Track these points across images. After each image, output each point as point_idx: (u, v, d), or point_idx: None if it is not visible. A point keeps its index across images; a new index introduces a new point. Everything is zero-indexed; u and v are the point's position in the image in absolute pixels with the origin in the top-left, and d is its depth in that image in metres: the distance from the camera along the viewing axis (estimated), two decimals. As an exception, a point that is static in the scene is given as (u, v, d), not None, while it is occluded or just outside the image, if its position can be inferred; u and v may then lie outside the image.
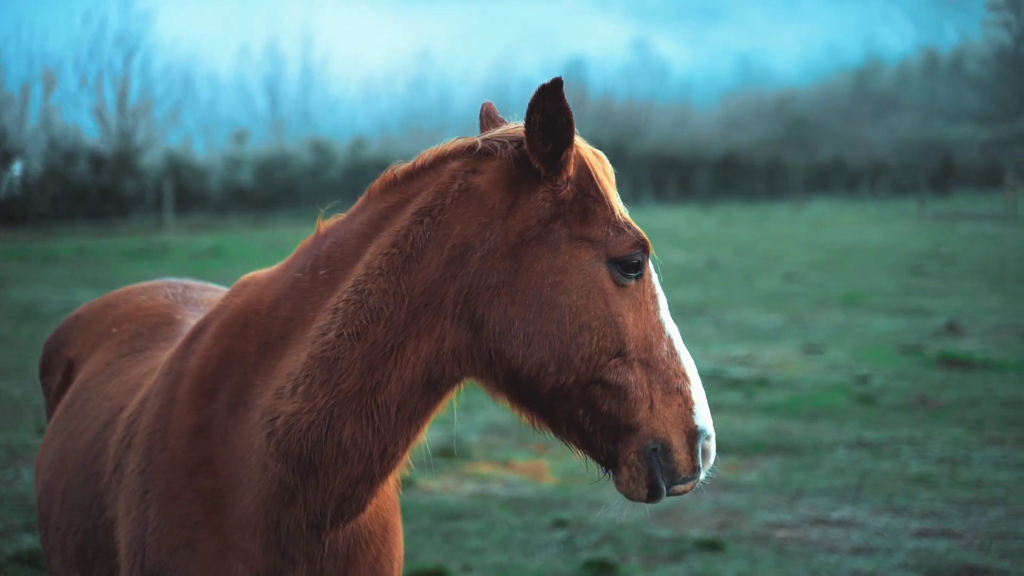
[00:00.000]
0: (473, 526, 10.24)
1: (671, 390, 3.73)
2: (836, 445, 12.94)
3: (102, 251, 41.83)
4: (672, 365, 3.76)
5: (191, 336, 4.20)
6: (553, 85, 3.65)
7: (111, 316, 5.25)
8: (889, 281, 30.72)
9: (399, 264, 3.76)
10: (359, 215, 3.96)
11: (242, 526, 3.85)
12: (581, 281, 3.72)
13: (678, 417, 3.72)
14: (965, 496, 10.99)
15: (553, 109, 3.67)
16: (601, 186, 3.82)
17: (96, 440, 4.45)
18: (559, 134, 3.71)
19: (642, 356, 3.73)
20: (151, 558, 3.91)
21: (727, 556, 9.49)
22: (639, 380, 3.71)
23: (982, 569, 9.12)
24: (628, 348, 3.72)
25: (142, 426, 4.12)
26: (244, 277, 4.27)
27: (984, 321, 22.85)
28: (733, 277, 32.00)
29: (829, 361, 18.45)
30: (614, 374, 3.70)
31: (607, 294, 3.73)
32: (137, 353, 4.85)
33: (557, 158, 3.74)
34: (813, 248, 42.54)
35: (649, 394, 3.71)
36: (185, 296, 5.33)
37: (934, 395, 15.47)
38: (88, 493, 4.35)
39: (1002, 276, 31.60)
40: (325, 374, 3.77)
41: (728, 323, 22.59)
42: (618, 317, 3.72)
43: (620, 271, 3.74)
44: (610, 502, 4.22)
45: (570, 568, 9.22)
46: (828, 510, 10.64)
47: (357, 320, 3.76)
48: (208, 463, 3.90)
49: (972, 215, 64.81)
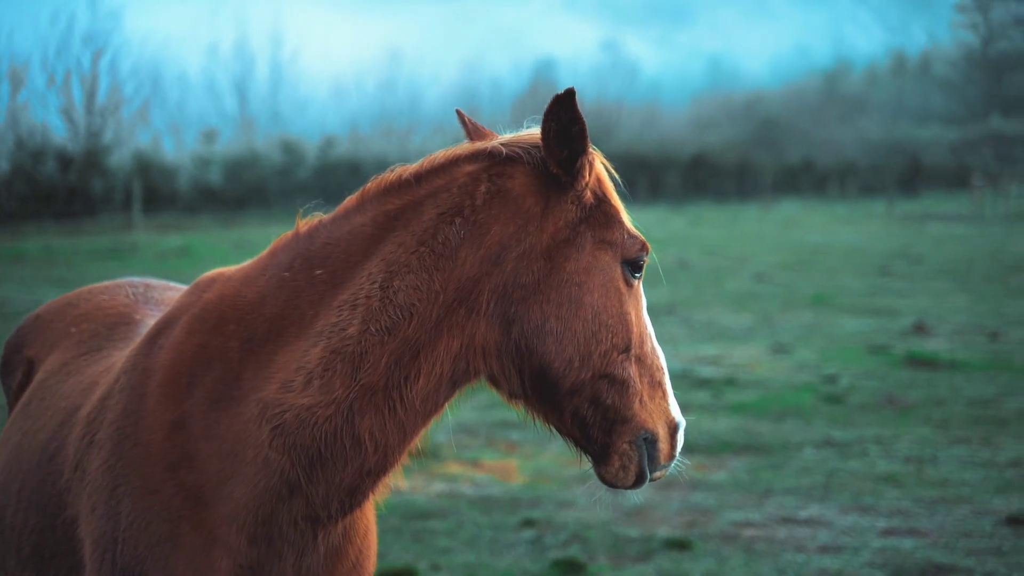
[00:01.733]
0: (442, 525, 10.25)
1: (655, 383, 3.99)
2: (804, 444, 13.00)
3: (70, 251, 41.64)
4: (655, 360, 4.02)
5: (155, 332, 4.18)
6: (566, 95, 3.80)
7: (71, 316, 5.22)
8: (857, 281, 30.85)
9: (431, 262, 3.84)
10: (356, 216, 4.00)
11: (229, 520, 3.85)
12: (602, 281, 3.94)
13: (661, 409, 3.98)
14: (931, 495, 11.05)
15: (567, 118, 3.84)
16: (612, 192, 4.06)
17: (52, 439, 4.43)
18: (573, 142, 3.88)
19: (637, 352, 3.97)
20: (126, 553, 3.89)
21: (695, 555, 9.52)
22: (635, 374, 3.95)
23: (948, 567, 9.18)
24: (632, 344, 3.95)
25: (107, 423, 4.09)
26: (209, 274, 4.27)
27: (951, 321, 22.98)
28: (702, 277, 32.07)
29: (797, 361, 18.52)
30: (620, 369, 3.91)
31: (621, 293, 3.97)
32: (94, 352, 4.83)
33: (573, 164, 3.91)
34: (782, 248, 42.67)
35: (641, 387, 3.95)
36: (146, 296, 5.30)
37: (901, 395, 15.54)
38: (45, 492, 4.33)
39: (969, 276, 31.77)
40: (348, 367, 3.81)
41: (697, 323, 22.63)
42: (628, 315, 3.97)
43: (630, 272, 4.02)
44: (578, 500, 4.27)
45: (538, 567, 9.24)
46: (795, 509, 10.69)
47: (385, 316, 3.83)
48: (189, 458, 3.89)
49: (940, 216, 65.12)
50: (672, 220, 62.15)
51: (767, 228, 56.69)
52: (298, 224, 4.11)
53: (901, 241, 45.71)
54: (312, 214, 4.14)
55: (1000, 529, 10.04)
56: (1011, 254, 38.20)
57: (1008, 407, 14.76)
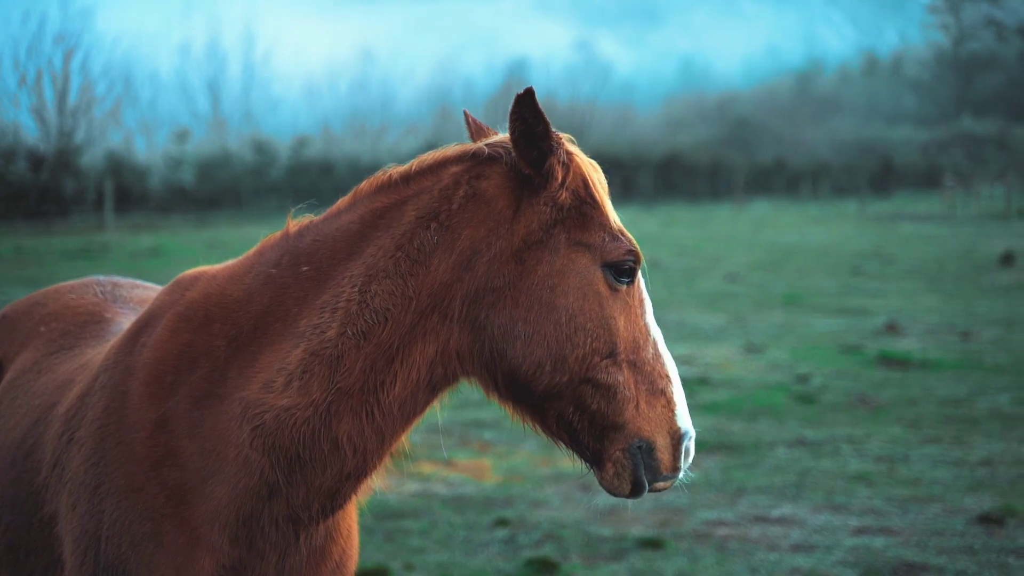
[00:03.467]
0: (415, 525, 10.24)
1: (656, 391, 3.88)
2: (776, 444, 13.03)
3: (41, 251, 41.45)
4: (657, 367, 3.91)
5: (136, 331, 4.16)
6: (526, 95, 3.76)
7: (39, 315, 5.19)
8: (829, 281, 30.94)
9: (406, 268, 3.83)
10: (345, 214, 4.00)
11: (211, 519, 3.84)
12: (577, 284, 3.85)
13: (662, 418, 3.86)
14: (903, 494, 11.09)
15: (531, 117, 3.79)
16: (597, 194, 3.96)
17: (27, 436, 4.41)
18: (540, 141, 3.83)
19: (630, 358, 3.87)
20: (109, 552, 3.89)
21: (668, 554, 9.54)
22: (627, 380, 3.85)
23: (919, 566, 9.21)
24: (619, 349, 3.85)
25: (87, 421, 4.08)
26: (190, 272, 4.25)
27: (923, 321, 23.07)
28: (675, 277, 32.12)
29: (770, 360, 18.57)
30: (605, 374, 3.82)
31: (601, 297, 3.86)
32: (66, 351, 4.80)
33: (543, 164, 3.85)
34: (754, 248, 42.76)
35: (636, 394, 3.84)
36: (114, 294, 5.28)
37: (873, 394, 15.60)
38: (21, 490, 4.31)
39: (941, 276, 31.89)
40: (326, 370, 3.80)
41: (670, 323, 22.63)
42: (611, 320, 3.85)
43: (613, 276, 3.88)
44: (551, 499, 4.28)
45: (512, 567, 9.24)
46: (768, 508, 10.71)
47: (362, 320, 3.81)
48: (173, 456, 3.88)
49: (911, 216, 65.36)
50: (645, 220, 62.20)
51: (739, 228, 56.81)
52: (288, 224, 4.11)
53: (873, 241, 45.85)
54: (303, 215, 4.14)
55: (971, 528, 10.08)
56: (982, 254, 38.34)
57: (979, 406, 14.82)
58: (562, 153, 3.89)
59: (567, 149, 3.92)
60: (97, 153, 66.83)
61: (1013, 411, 14.51)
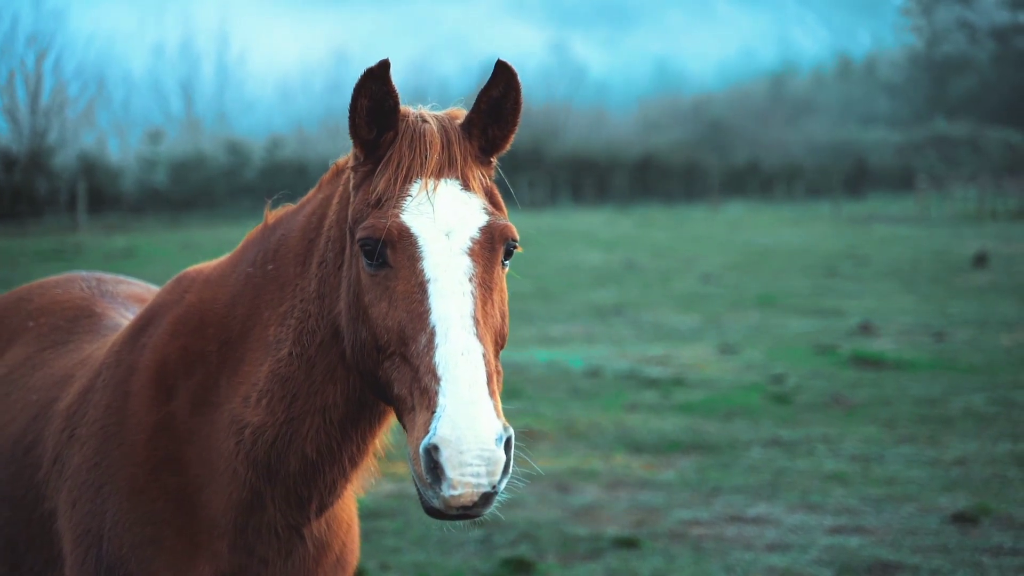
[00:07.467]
0: (391, 525, 10.22)
1: (421, 389, 3.32)
2: (752, 443, 13.05)
3: (14, 251, 41.25)
4: (425, 360, 3.34)
5: (137, 329, 4.15)
6: (379, 68, 3.51)
7: (26, 310, 5.16)
8: (804, 282, 31.01)
9: (325, 291, 3.75)
10: (308, 205, 3.94)
11: (209, 528, 3.85)
12: (348, 272, 3.62)
13: (415, 424, 3.32)
14: (878, 493, 11.11)
15: (380, 92, 3.54)
16: (390, 159, 3.59)
17: (26, 432, 4.39)
18: (386, 118, 3.58)
19: (400, 351, 3.40)
20: (111, 552, 3.89)
21: (644, 553, 9.53)
22: (401, 378, 3.40)
23: (894, 565, 9.23)
24: (381, 342, 3.44)
25: (90, 419, 4.07)
26: (189, 271, 4.24)
27: (897, 321, 23.13)
28: (650, 278, 32.15)
29: (745, 361, 18.59)
30: (380, 370, 3.47)
31: (360, 283, 3.53)
32: (59, 346, 4.79)
33: (377, 145, 3.60)
34: (729, 250, 42.83)
35: (409, 393, 3.37)
36: (101, 289, 5.26)
37: (848, 394, 15.63)
38: (20, 486, 4.29)
39: (914, 277, 31.99)
40: (281, 391, 3.78)
41: (645, 323, 22.68)
42: (368, 308, 3.48)
43: (365, 258, 3.48)
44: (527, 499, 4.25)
45: (488, 566, 9.22)
46: (744, 507, 10.72)
47: (301, 341, 3.78)
48: (173, 460, 3.88)
49: (885, 217, 65.58)
50: (620, 222, 62.27)
51: (714, 229, 56.89)
52: (266, 216, 4.05)
53: (847, 242, 45.98)
54: (282, 204, 4.09)
55: (946, 527, 10.10)
56: (956, 255, 38.48)
57: (953, 406, 14.86)
58: (397, 131, 3.65)
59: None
60: (70, 154, 66.60)
61: (987, 411, 14.55)
